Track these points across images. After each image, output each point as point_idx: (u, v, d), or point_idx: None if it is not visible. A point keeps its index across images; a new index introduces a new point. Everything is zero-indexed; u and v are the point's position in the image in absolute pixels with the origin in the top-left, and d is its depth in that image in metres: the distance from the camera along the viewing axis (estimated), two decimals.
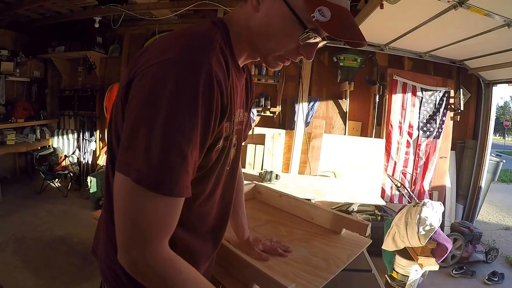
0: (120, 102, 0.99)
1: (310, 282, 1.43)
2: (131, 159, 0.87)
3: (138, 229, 0.90)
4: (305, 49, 1.08)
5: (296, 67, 6.57)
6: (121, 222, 0.92)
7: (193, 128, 0.88)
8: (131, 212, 0.90)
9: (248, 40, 1.13)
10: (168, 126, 0.85)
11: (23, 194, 7.07)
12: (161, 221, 0.92)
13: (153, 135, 0.85)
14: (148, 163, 0.85)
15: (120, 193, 0.91)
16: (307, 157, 6.21)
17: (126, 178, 0.88)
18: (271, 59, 1.14)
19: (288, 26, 1.02)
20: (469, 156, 6.74)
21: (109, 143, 1.11)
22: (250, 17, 1.09)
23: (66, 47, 7.45)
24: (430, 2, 3.57)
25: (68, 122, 8.25)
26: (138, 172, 0.85)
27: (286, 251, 1.68)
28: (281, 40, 1.07)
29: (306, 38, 1.02)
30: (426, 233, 3.50)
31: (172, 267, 0.97)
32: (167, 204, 0.91)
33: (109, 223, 1.13)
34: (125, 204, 0.91)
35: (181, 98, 0.86)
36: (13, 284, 3.91)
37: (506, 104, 50.43)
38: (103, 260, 1.19)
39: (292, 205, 2.26)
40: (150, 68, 0.90)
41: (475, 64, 6.07)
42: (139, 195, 0.87)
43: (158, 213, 0.91)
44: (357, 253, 1.73)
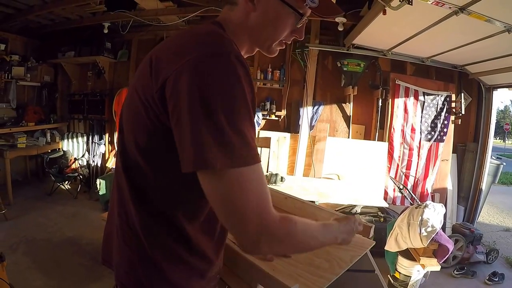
0: (142, 106, 1.01)
1: (313, 282, 1.43)
2: (212, 154, 0.88)
3: (250, 206, 0.93)
4: (297, 31, 1.25)
5: (301, 71, 6.60)
6: (232, 212, 0.94)
7: (247, 108, 0.95)
8: (236, 196, 0.92)
9: (245, 37, 1.22)
10: (227, 113, 0.90)
11: (34, 196, 7.10)
12: (261, 187, 0.96)
13: (224, 122, 0.89)
14: (229, 146, 0.89)
15: (216, 188, 0.93)
16: (312, 160, 6.21)
17: (212, 172, 0.91)
18: (273, 47, 1.26)
19: (284, 16, 1.16)
20: (470, 159, 6.72)
21: (123, 149, 1.14)
22: (246, 17, 1.18)
23: (75, 52, 7.51)
24: (432, 8, 3.56)
25: (77, 125, 8.30)
26: (225, 159, 0.88)
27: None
28: (280, 29, 1.20)
29: (302, 22, 1.20)
30: (428, 234, 3.50)
31: (288, 224, 1.03)
32: (257, 171, 0.95)
33: (125, 229, 1.16)
34: (228, 193, 0.92)
35: (228, 85, 0.92)
36: (24, 284, 3.92)
37: (506, 108, 50.11)
38: (121, 267, 1.20)
39: (297, 207, 2.27)
40: (182, 67, 0.93)
41: (476, 69, 6.06)
42: (232, 178, 0.91)
43: (257, 182, 0.95)
44: (360, 255, 1.74)
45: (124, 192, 1.15)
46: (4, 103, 7.28)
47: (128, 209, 1.15)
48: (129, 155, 1.11)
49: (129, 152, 1.11)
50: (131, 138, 1.09)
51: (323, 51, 6.36)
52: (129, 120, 1.11)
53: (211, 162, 0.88)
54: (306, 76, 6.32)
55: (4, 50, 7.09)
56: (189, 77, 0.90)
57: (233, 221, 0.95)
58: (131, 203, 1.13)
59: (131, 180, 1.13)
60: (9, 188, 6.43)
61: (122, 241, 1.19)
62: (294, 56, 6.53)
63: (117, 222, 1.21)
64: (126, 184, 1.14)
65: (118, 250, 1.21)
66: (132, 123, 1.09)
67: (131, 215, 1.14)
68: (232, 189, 0.91)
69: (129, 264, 1.17)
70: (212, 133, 0.88)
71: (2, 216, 5.64)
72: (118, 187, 1.20)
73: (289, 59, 6.65)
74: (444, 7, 3.49)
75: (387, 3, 3.65)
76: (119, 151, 1.20)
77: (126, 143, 1.13)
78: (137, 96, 1.04)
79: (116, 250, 1.23)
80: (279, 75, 6.65)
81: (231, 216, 0.95)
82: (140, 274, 1.14)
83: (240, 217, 0.94)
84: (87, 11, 6.43)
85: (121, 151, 1.17)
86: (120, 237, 1.19)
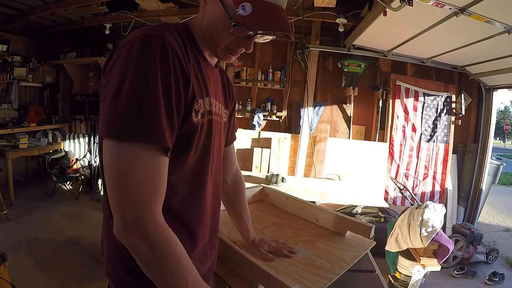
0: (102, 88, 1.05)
1: (314, 282, 1.43)
2: (110, 122, 0.91)
3: (129, 191, 0.92)
4: (243, 42, 1.16)
5: (302, 72, 6.61)
6: (112, 190, 0.94)
7: (156, 88, 0.94)
8: (119, 174, 0.93)
9: (203, 38, 1.22)
10: (134, 88, 0.92)
11: (36, 197, 7.10)
12: (149, 177, 0.95)
13: (124, 96, 0.91)
14: (124, 117, 0.91)
15: (106, 160, 0.95)
16: (312, 161, 6.21)
17: (107, 142, 0.94)
18: (219, 51, 1.22)
19: (223, 22, 1.10)
20: (470, 159, 6.73)
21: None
22: (202, 18, 1.20)
23: (77, 53, 7.52)
24: (432, 9, 3.57)
25: (79, 126, 8.31)
26: (117, 129, 0.91)
27: (291, 252, 1.68)
28: (220, 34, 1.15)
29: (236, 31, 1.10)
30: (428, 235, 3.50)
31: (168, 237, 0.98)
32: (151, 157, 0.95)
33: (105, 219, 1.19)
34: (112, 168, 0.93)
35: (141, 62, 0.95)
36: (26, 284, 3.92)
37: (507, 108, 50.27)
38: (107, 259, 1.22)
39: (298, 208, 2.28)
40: (118, 49, 1.01)
41: (476, 70, 6.06)
42: (123, 152, 0.92)
43: (144, 168, 0.94)
44: (361, 255, 1.74)
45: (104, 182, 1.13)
46: (6, 104, 7.29)
47: (104, 200, 1.15)
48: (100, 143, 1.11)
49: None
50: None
51: (324, 52, 6.37)
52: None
53: (106, 131, 0.92)
54: (306, 77, 6.31)
55: (6, 51, 7.09)
56: (119, 56, 0.98)
57: (116, 202, 0.95)
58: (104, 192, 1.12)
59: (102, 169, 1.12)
60: (11, 188, 6.44)
61: (104, 231, 1.23)
62: (295, 57, 6.52)
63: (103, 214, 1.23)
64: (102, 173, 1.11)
65: (104, 243, 1.24)
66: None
67: (105, 205, 1.13)
68: (123, 167, 0.93)
69: (111, 256, 1.18)
70: (109, 104, 0.93)
71: (4, 216, 5.64)
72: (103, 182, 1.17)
73: (290, 60, 6.67)
74: (444, 8, 3.49)
75: (388, 4, 3.66)
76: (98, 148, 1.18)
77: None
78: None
79: (104, 244, 1.25)
80: (280, 76, 6.68)
81: (111, 195, 0.95)
82: (114, 263, 1.16)
83: (120, 201, 0.94)
84: (88, 12, 6.43)
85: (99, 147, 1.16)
86: (105, 230, 1.21)
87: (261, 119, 6.64)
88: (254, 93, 6.82)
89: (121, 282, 1.17)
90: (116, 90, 0.92)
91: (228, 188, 1.74)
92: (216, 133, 1.31)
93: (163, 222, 0.98)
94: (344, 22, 5.33)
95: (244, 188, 1.84)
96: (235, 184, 1.77)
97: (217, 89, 1.35)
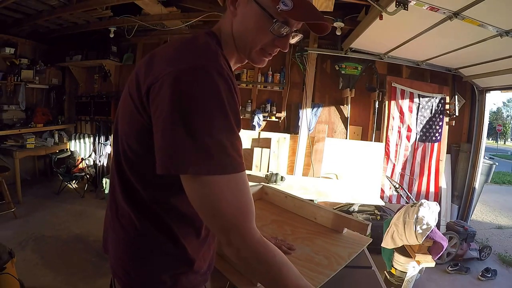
0: (135, 108, 1.04)
1: (312, 278, 1.43)
2: (195, 159, 0.91)
3: (227, 219, 0.96)
4: (279, 41, 1.16)
5: (300, 74, 6.62)
6: (213, 220, 0.98)
7: (229, 120, 0.95)
8: (214, 205, 0.95)
9: (233, 44, 1.20)
10: (204, 122, 0.91)
11: (42, 195, 7.11)
12: (242, 199, 0.99)
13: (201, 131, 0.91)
14: (205, 152, 0.91)
15: (198, 194, 0.96)
16: (311, 160, 6.22)
17: (193, 177, 0.94)
18: (253, 55, 1.20)
19: (261, 21, 1.10)
20: (464, 159, 6.73)
21: (117, 149, 1.18)
22: (231, 24, 1.19)
23: (82, 56, 7.52)
24: (427, 14, 3.57)
25: (84, 126, 8.31)
26: (206, 166, 0.91)
27: (290, 249, 1.68)
28: (257, 35, 1.14)
29: (277, 28, 1.10)
30: (423, 232, 3.50)
31: (267, 249, 1.03)
32: (237, 181, 0.97)
33: (115, 222, 1.20)
34: (206, 201, 0.95)
35: (206, 96, 0.93)
36: (33, 280, 3.92)
37: (499, 109, 50.18)
38: (112, 257, 1.25)
39: (297, 206, 2.27)
40: (168, 76, 0.95)
41: (469, 72, 6.06)
42: (213, 185, 0.93)
43: (236, 192, 0.97)
44: (358, 251, 1.74)
45: (116, 188, 1.19)
46: (13, 105, 7.29)
47: (118, 203, 1.19)
48: (121, 155, 1.14)
49: (121, 152, 1.14)
50: (124, 138, 1.12)
51: (322, 55, 6.37)
52: (123, 121, 1.13)
53: (183, 167, 0.91)
54: (305, 79, 6.33)
55: (14, 53, 7.10)
56: (171, 87, 0.93)
57: (213, 228, 1.02)
58: (121, 198, 1.17)
59: (122, 177, 1.16)
60: (18, 187, 6.44)
61: (112, 231, 1.24)
62: (294, 60, 6.54)
63: (108, 215, 1.27)
64: (118, 182, 1.17)
65: (111, 241, 1.27)
66: (126, 124, 1.11)
67: (120, 208, 1.18)
68: (208, 196, 0.94)
69: (116, 252, 1.22)
70: (187, 139, 0.90)
71: (11, 214, 5.64)
72: (112, 184, 1.24)
73: (289, 63, 6.66)
74: (439, 12, 3.49)
75: (384, 8, 3.66)
76: (113, 151, 1.23)
77: (119, 143, 1.15)
78: (131, 99, 1.07)
79: (110, 240, 1.28)
80: (279, 78, 6.68)
81: (210, 222, 1.00)
82: (125, 262, 1.19)
83: (219, 226, 0.98)
84: (93, 16, 6.44)
85: (115, 151, 1.20)
86: (111, 228, 1.24)
87: (261, 120, 6.64)
88: (254, 94, 6.81)
89: (130, 282, 1.19)
90: (188, 124, 0.91)
91: None
92: None
93: (259, 236, 1.03)
94: (341, 25, 5.33)
95: None
96: None
97: None
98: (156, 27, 6.61)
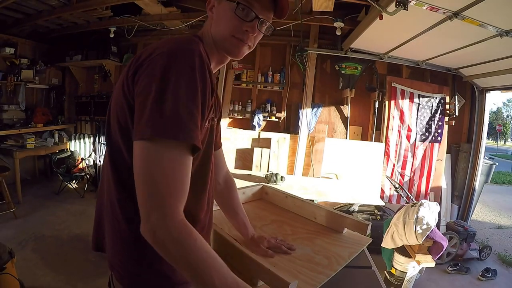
0: (122, 93, 1.11)
1: (312, 278, 1.43)
2: (150, 122, 0.96)
3: (156, 190, 0.97)
4: (247, 25, 1.24)
5: (300, 74, 6.63)
6: (141, 188, 0.99)
7: (195, 94, 1.02)
8: (148, 172, 0.97)
9: (213, 44, 1.31)
10: (176, 92, 0.99)
11: (42, 195, 7.11)
12: (177, 173, 1.00)
13: (167, 100, 0.97)
14: (161, 116, 0.96)
15: (138, 160, 0.99)
16: (311, 160, 6.21)
17: (142, 143, 0.98)
18: (228, 45, 1.28)
19: (228, 11, 1.22)
20: (464, 159, 6.73)
21: (108, 135, 1.23)
22: (210, 26, 1.30)
23: (82, 56, 7.53)
24: (426, 14, 3.57)
25: (84, 126, 8.33)
26: (153, 127, 0.96)
27: (290, 249, 1.69)
28: (226, 23, 1.24)
29: (241, 10, 1.21)
30: (423, 232, 3.50)
31: (188, 233, 0.99)
32: (182, 154, 1.02)
33: (110, 214, 1.23)
34: (143, 167, 0.98)
35: (184, 73, 1.02)
36: (33, 280, 3.93)
37: (499, 109, 50.15)
38: (109, 250, 1.26)
39: (297, 206, 2.28)
40: (153, 58, 1.05)
41: (469, 72, 6.06)
42: (155, 151, 0.97)
43: (174, 164, 1.00)
44: (358, 251, 1.74)
45: (110, 181, 1.21)
46: (13, 105, 7.30)
47: (111, 191, 1.20)
48: (113, 144, 1.18)
49: (113, 141, 1.18)
50: (115, 126, 1.16)
51: (322, 55, 6.37)
52: (114, 109, 1.17)
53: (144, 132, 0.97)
54: (305, 79, 6.33)
55: (14, 53, 7.12)
56: (157, 64, 1.02)
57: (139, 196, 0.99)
58: (114, 190, 1.19)
59: (115, 168, 1.19)
60: (18, 187, 6.44)
61: (108, 226, 1.25)
62: (294, 60, 6.54)
63: (106, 205, 1.26)
64: (111, 174, 1.19)
65: (107, 234, 1.27)
66: (116, 111, 1.15)
67: (115, 201, 1.19)
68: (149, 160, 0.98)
69: (113, 245, 1.23)
70: (154, 108, 0.97)
71: (11, 214, 5.64)
72: (107, 178, 1.25)
73: (289, 63, 6.68)
74: (439, 12, 3.50)
75: (384, 8, 3.66)
76: (106, 142, 1.27)
77: (112, 132, 1.20)
78: (121, 87, 1.13)
79: (106, 235, 1.28)
80: (279, 78, 6.70)
81: (139, 189, 0.99)
82: (122, 254, 1.20)
83: (145, 195, 0.98)
84: (93, 16, 6.45)
85: (108, 142, 1.24)
86: (108, 223, 1.25)
87: (261, 120, 6.65)
88: (254, 94, 6.82)
89: (127, 274, 1.20)
90: (160, 93, 0.98)
91: (221, 188, 1.79)
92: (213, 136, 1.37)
93: (182, 218, 1.01)
94: (341, 26, 5.33)
95: (236, 188, 1.88)
96: (227, 184, 1.81)
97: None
98: (156, 27, 6.62)
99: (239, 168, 6.10)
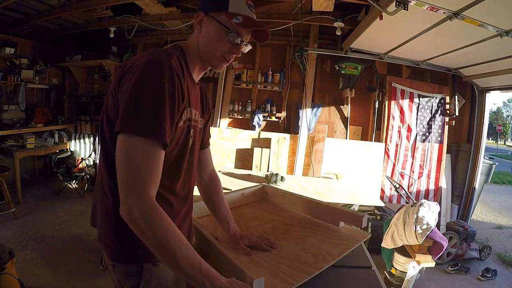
0: (111, 95, 1.33)
1: (291, 277, 1.43)
2: (127, 121, 1.19)
3: (131, 177, 1.18)
4: (235, 48, 1.48)
5: (300, 74, 6.64)
6: (120, 174, 1.20)
7: (163, 99, 1.23)
8: (126, 162, 1.19)
9: (198, 54, 1.52)
10: (148, 99, 1.21)
11: (42, 195, 7.12)
12: (148, 164, 1.20)
13: (140, 104, 1.20)
14: (138, 119, 1.19)
15: (120, 149, 1.21)
16: (311, 160, 6.21)
17: (121, 136, 1.21)
18: (214, 61, 1.52)
19: (220, 34, 1.43)
20: (464, 158, 6.73)
21: (102, 131, 1.42)
22: (197, 39, 1.51)
23: (82, 56, 7.55)
24: (426, 14, 3.57)
25: (84, 126, 8.34)
26: (128, 125, 1.19)
27: (271, 247, 1.73)
28: (217, 44, 1.46)
29: (232, 38, 1.43)
30: (423, 232, 3.51)
31: (155, 213, 1.17)
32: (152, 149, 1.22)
33: (102, 195, 1.43)
34: (123, 155, 1.20)
35: (154, 81, 1.23)
36: (33, 279, 3.93)
37: (499, 109, 50.16)
38: (100, 227, 1.46)
39: (293, 203, 2.32)
40: (133, 68, 1.27)
41: (469, 72, 6.06)
42: (132, 143, 1.19)
43: (146, 156, 1.20)
44: (351, 248, 1.74)
45: (101, 166, 1.43)
46: (13, 105, 7.31)
47: (103, 177, 1.42)
48: (104, 137, 1.38)
49: (105, 135, 1.38)
50: (105, 124, 1.37)
51: (322, 55, 6.38)
52: (105, 110, 1.38)
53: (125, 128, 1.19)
54: (305, 79, 6.33)
55: (14, 53, 7.13)
56: (135, 74, 1.24)
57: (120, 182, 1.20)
58: (105, 173, 1.40)
59: (105, 155, 1.40)
60: (18, 187, 6.44)
61: (99, 202, 1.47)
62: (294, 60, 6.54)
63: (97, 189, 1.50)
64: (103, 162, 1.41)
65: (99, 212, 1.48)
66: (107, 111, 1.36)
67: (104, 181, 1.41)
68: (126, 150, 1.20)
69: (104, 222, 1.44)
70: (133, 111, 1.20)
71: (11, 214, 5.64)
72: (99, 166, 1.48)
73: (289, 63, 6.69)
74: (439, 12, 3.50)
75: (384, 8, 3.66)
76: (99, 137, 1.47)
77: (104, 128, 1.39)
78: (111, 91, 1.34)
79: (98, 213, 1.49)
80: (279, 78, 6.71)
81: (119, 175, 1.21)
82: (113, 231, 1.39)
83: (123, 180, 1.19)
84: (93, 16, 6.45)
85: (100, 138, 1.46)
86: (99, 201, 1.46)
87: (261, 120, 6.65)
88: (254, 94, 6.83)
89: (111, 244, 1.41)
90: (134, 98, 1.21)
91: (205, 183, 1.95)
92: (193, 135, 1.58)
93: (153, 200, 1.19)
94: (341, 25, 5.34)
95: (220, 184, 2.01)
96: (211, 180, 1.97)
97: (197, 102, 1.64)
98: (156, 27, 6.63)
99: (239, 168, 6.08)
